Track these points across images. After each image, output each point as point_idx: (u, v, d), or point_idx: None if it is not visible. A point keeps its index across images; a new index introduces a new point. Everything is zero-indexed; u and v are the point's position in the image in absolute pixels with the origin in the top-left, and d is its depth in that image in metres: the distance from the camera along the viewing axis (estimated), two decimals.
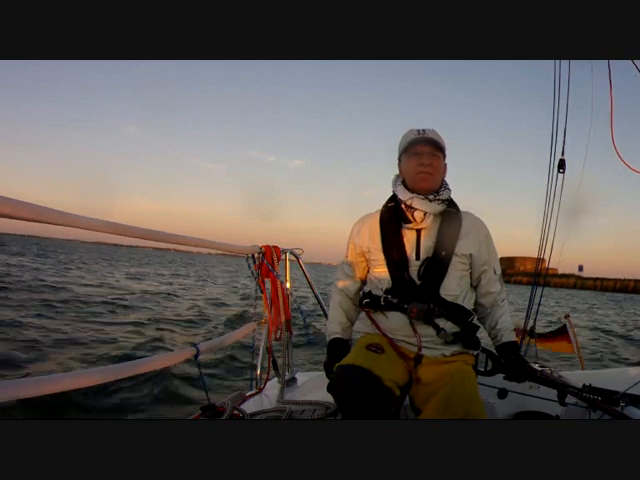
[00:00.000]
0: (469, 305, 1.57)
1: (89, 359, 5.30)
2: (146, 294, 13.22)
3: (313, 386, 2.16)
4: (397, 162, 1.64)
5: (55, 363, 5.03)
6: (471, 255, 1.55)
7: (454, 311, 1.51)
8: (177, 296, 13.71)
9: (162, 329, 7.71)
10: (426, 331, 1.49)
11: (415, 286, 1.50)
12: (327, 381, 1.69)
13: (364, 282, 1.70)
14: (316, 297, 2.55)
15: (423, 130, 1.56)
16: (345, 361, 1.44)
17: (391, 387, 1.38)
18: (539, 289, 2.65)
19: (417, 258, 1.52)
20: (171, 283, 19.19)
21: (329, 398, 1.84)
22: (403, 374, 1.47)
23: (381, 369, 1.37)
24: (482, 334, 1.63)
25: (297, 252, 2.38)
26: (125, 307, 10.09)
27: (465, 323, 1.53)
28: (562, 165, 2.43)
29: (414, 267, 1.51)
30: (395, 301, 1.51)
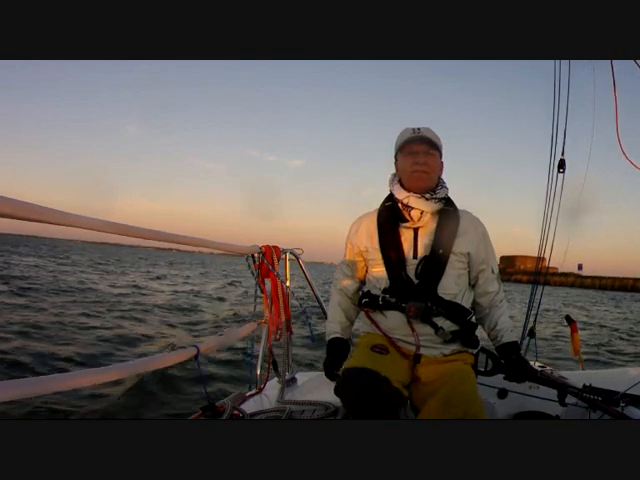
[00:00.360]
0: (467, 304, 1.57)
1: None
2: (173, 294, 13.62)
3: (313, 386, 2.16)
4: (394, 161, 1.64)
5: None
6: (469, 254, 1.55)
7: (452, 310, 1.51)
8: (202, 296, 14.02)
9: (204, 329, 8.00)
10: (424, 330, 1.49)
11: (413, 285, 1.50)
12: (327, 381, 1.68)
13: (363, 282, 1.70)
14: (316, 297, 2.55)
15: (418, 129, 1.56)
16: (351, 364, 1.43)
17: (399, 388, 1.38)
18: (539, 288, 2.65)
19: (414, 257, 1.52)
20: (187, 282, 19.44)
21: (329, 398, 1.84)
22: (407, 374, 1.47)
23: (388, 370, 1.38)
24: (481, 334, 1.63)
25: (297, 252, 2.38)
26: (160, 307, 10.38)
27: (463, 322, 1.53)
28: (562, 165, 2.42)
29: (412, 266, 1.51)
30: (393, 300, 1.51)
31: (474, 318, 1.60)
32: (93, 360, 5.17)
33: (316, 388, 2.08)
